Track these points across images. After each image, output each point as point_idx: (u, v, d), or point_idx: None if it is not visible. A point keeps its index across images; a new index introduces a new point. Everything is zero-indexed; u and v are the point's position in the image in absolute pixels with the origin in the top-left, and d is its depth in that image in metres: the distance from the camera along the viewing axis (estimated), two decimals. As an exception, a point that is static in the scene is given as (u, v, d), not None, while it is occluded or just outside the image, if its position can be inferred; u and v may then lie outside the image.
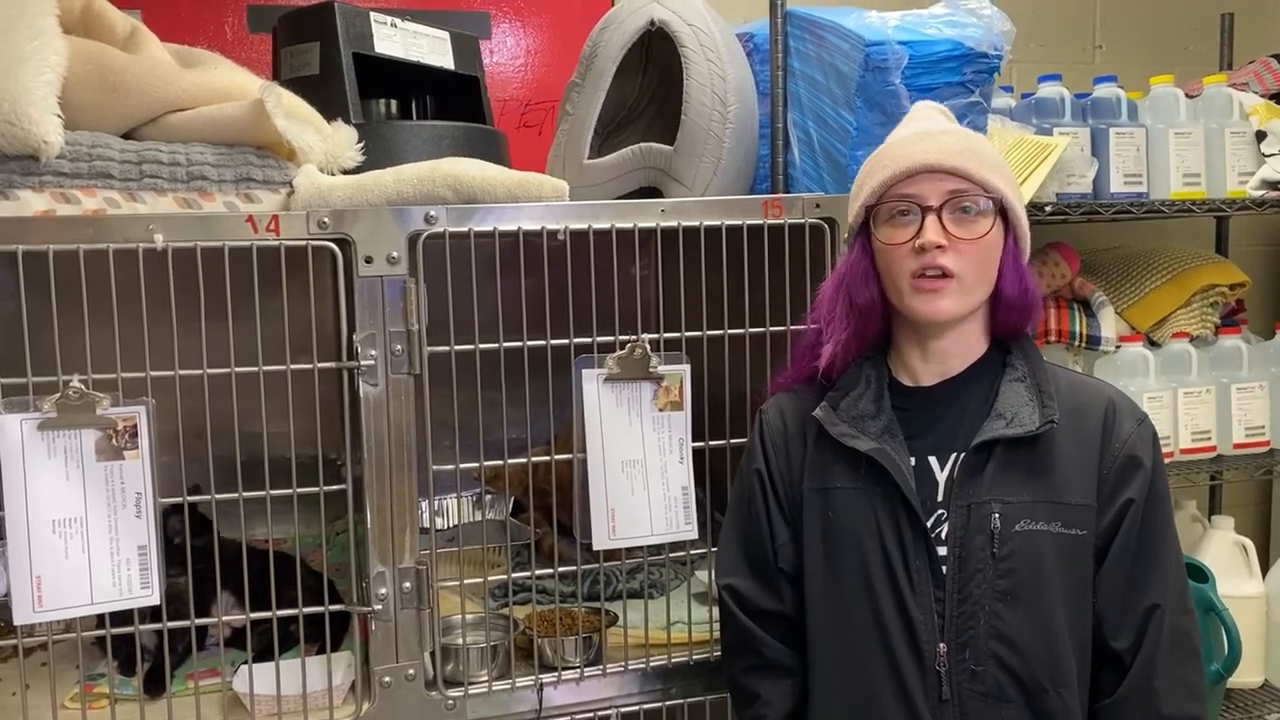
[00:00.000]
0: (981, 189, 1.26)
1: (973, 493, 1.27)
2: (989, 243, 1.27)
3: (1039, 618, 1.26)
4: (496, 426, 1.50)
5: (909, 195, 1.27)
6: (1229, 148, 2.13)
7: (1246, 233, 2.80)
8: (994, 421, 1.28)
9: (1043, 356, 1.35)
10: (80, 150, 1.39)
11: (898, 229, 1.28)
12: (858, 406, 1.32)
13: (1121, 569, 1.28)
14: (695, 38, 1.67)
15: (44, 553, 1.31)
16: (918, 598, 1.27)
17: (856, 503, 1.31)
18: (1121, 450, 1.29)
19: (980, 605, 1.26)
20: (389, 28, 1.77)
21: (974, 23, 1.70)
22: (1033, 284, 1.32)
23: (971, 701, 1.26)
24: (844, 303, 1.33)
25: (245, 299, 1.37)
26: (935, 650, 1.26)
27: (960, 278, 1.26)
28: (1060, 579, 1.26)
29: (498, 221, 1.48)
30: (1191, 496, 2.38)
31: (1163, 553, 1.29)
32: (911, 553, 1.27)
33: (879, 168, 1.30)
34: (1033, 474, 1.27)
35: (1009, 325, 1.33)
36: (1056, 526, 1.26)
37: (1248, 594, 2.11)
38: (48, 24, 1.40)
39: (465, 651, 1.54)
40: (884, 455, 1.28)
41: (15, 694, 1.46)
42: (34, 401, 1.30)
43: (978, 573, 1.26)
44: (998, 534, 1.26)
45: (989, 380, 1.33)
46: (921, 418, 1.33)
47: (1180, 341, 2.18)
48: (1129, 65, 2.57)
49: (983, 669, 1.25)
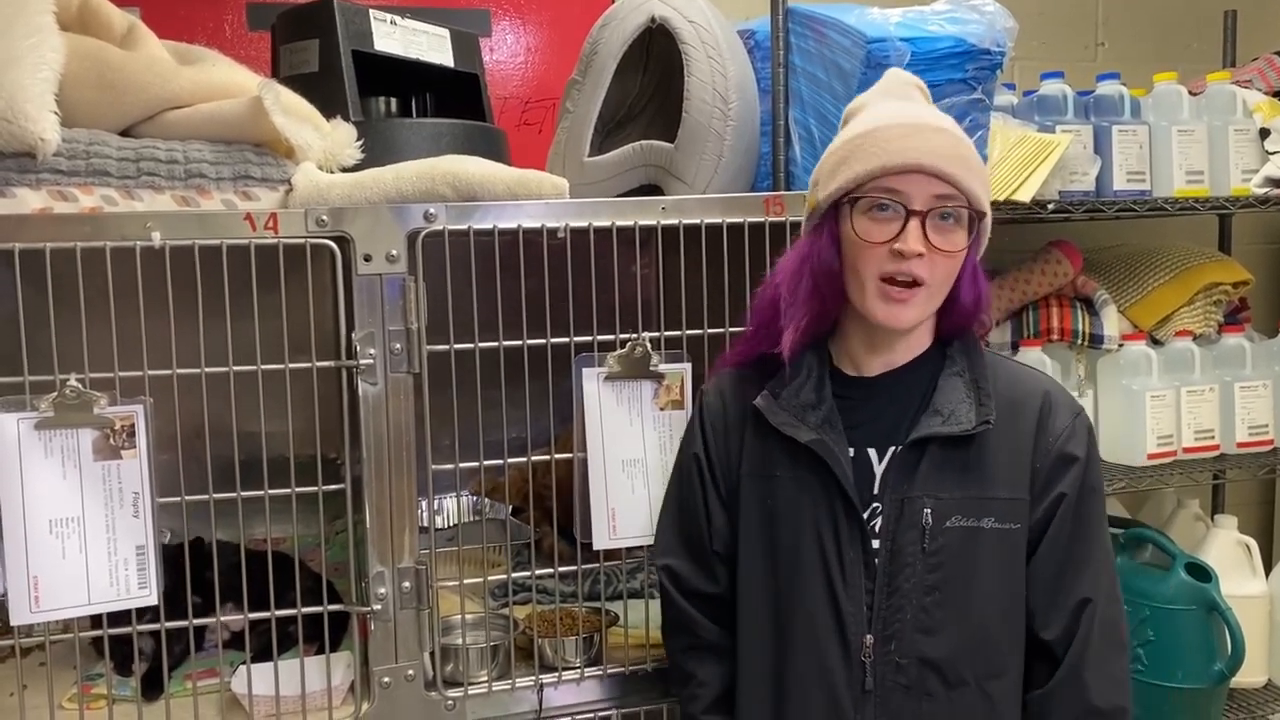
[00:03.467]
0: (966, 200, 1.24)
1: (906, 488, 1.28)
2: (961, 255, 1.27)
3: (966, 612, 1.27)
4: (496, 426, 1.49)
5: (894, 192, 1.23)
6: (1232, 145, 2.12)
7: (1250, 231, 2.79)
8: (930, 418, 1.28)
9: (982, 349, 1.35)
10: (77, 148, 1.38)
11: (876, 224, 1.24)
12: (799, 396, 1.32)
13: (1052, 562, 1.29)
14: (696, 34, 1.66)
15: (41, 553, 1.30)
16: (848, 589, 1.28)
17: (794, 492, 1.32)
18: (1055, 444, 1.29)
19: (908, 599, 1.27)
20: (388, 25, 1.76)
21: (976, 19, 1.69)
22: (986, 294, 1.32)
23: (894, 694, 1.27)
24: (807, 287, 1.30)
25: (243, 297, 1.37)
26: (862, 641, 1.28)
27: (929, 287, 1.25)
28: (992, 574, 1.28)
29: (497, 219, 1.48)
30: (1194, 496, 2.37)
31: (1093, 546, 1.30)
32: (846, 544, 1.29)
33: (863, 154, 1.24)
34: (967, 470, 1.28)
35: (955, 325, 1.33)
36: (990, 522, 1.27)
37: (1251, 594, 2.10)
38: (45, 21, 1.39)
39: (465, 652, 1.54)
40: (823, 447, 1.29)
41: (13, 694, 1.45)
42: (31, 401, 1.30)
43: (907, 566, 1.27)
44: (929, 530, 1.27)
45: (929, 373, 1.33)
46: (862, 408, 1.33)
47: (1183, 340, 2.17)
48: (1132, 63, 2.56)
49: (906, 661, 1.27)
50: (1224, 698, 2.04)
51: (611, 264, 1.49)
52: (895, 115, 1.27)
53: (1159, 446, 2.09)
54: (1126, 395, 2.10)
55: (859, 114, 1.32)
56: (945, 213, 1.23)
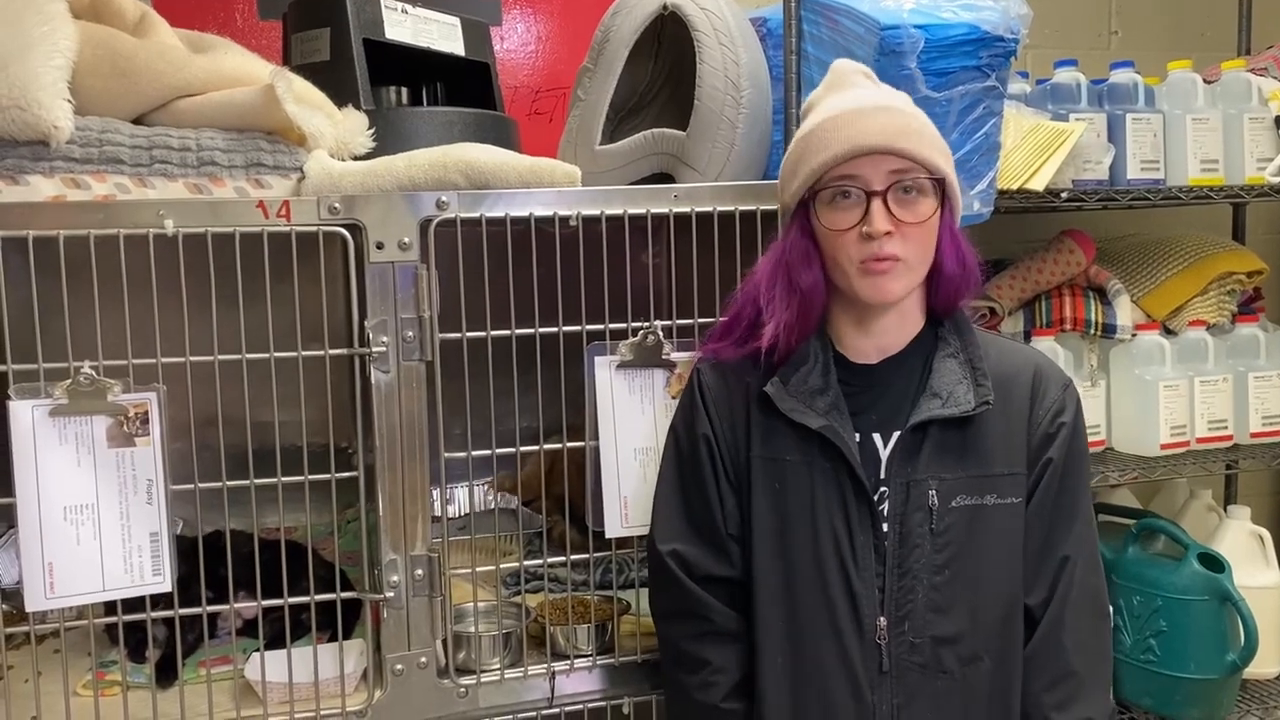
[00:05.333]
0: (924, 168, 1.26)
1: (910, 471, 1.31)
2: (932, 223, 1.29)
3: (974, 589, 1.30)
4: (509, 414, 1.49)
5: (851, 177, 1.26)
6: (1247, 133, 2.10)
7: (1264, 220, 2.77)
8: (930, 400, 1.31)
9: (973, 327, 1.37)
10: (90, 136, 1.38)
11: (841, 212, 1.28)
12: (807, 382, 1.33)
13: (1039, 525, 1.33)
14: (708, 21, 1.66)
15: (56, 540, 1.31)
16: (860, 572, 1.30)
17: (804, 477, 1.33)
18: (1047, 417, 1.34)
19: (919, 579, 1.29)
20: (399, 14, 1.76)
21: (990, 6, 1.68)
22: (970, 256, 1.34)
23: (910, 673, 1.29)
24: (784, 284, 1.33)
25: (256, 285, 1.37)
26: (876, 624, 1.29)
27: (906, 260, 1.27)
28: (998, 549, 1.31)
29: (509, 207, 1.48)
30: (1208, 486, 2.35)
31: (1076, 510, 1.35)
32: (856, 529, 1.30)
33: (815, 149, 1.28)
34: (967, 450, 1.31)
35: (948, 298, 1.35)
36: (992, 499, 1.31)
37: (1264, 584, 2.08)
38: (57, 9, 1.40)
39: (477, 639, 1.54)
40: (833, 433, 1.30)
41: (28, 681, 1.46)
42: (45, 388, 1.30)
43: (916, 548, 1.30)
44: (935, 510, 1.29)
45: (923, 356, 1.35)
46: (865, 394, 1.35)
47: (1197, 330, 2.16)
48: (1145, 51, 2.54)
49: (920, 641, 1.29)
50: (1236, 688, 2.03)
51: (624, 252, 1.49)
52: (840, 105, 1.30)
53: (1172, 437, 2.09)
54: (1140, 385, 2.09)
55: (809, 113, 1.36)
56: (905, 186, 1.26)
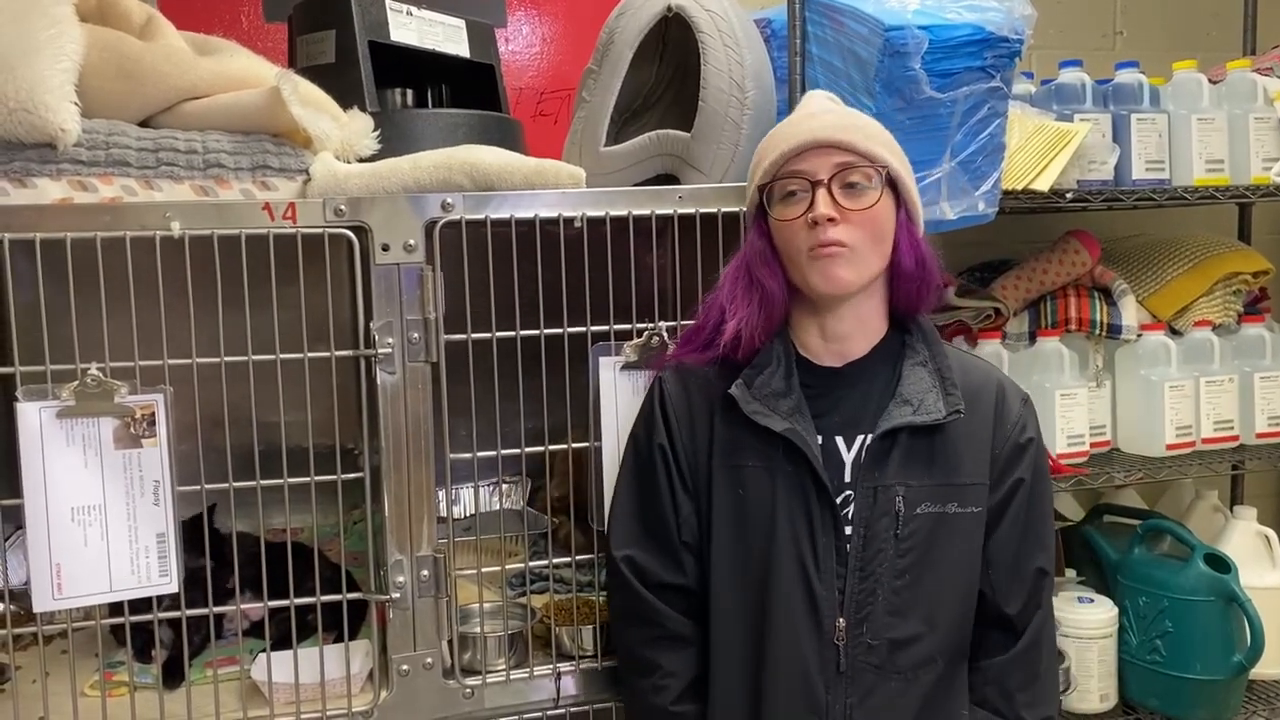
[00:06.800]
0: (867, 160, 1.30)
1: (879, 476, 1.33)
2: (879, 214, 1.31)
3: (933, 594, 1.33)
4: (514, 415, 1.49)
5: (799, 171, 1.31)
6: (1253, 134, 2.10)
7: (1270, 220, 2.77)
8: (900, 407, 1.33)
9: (939, 337, 1.41)
10: (97, 138, 1.39)
11: (790, 205, 1.33)
12: (770, 384, 1.35)
13: (1013, 541, 1.38)
14: (712, 23, 1.66)
15: (63, 540, 1.31)
16: (821, 575, 1.32)
17: (767, 480, 1.34)
18: (1012, 432, 1.38)
19: (880, 583, 1.32)
20: (404, 15, 1.76)
21: (995, 6, 1.68)
22: (930, 256, 1.36)
23: (865, 673, 1.31)
24: (745, 282, 1.37)
25: (262, 287, 1.37)
26: (835, 624, 1.31)
27: (854, 248, 1.30)
28: (956, 556, 1.34)
29: (514, 209, 1.48)
30: (1213, 486, 2.35)
31: (1045, 524, 1.41)
32: (819, 531, 1.32)
33: (769, 149, 1.35)
34: (934, 458, 1.34)
35: (908, 299, 1.37)
36: (954, 507, 1.34)
37: (1270, 585, 2.08)
38: (64, 12, 1.40)
39: (483, 640, 1.54)
40: (797, 436, 1.32)
41: (35, 681, 1.46)
42: (52, 389, 1.30)
43: (880, 552, 1.32)
44: (901, 516, 1.32)
45: (890, 363, 1.37)
46: (828, 397, 1.37)
47: (1202, 330, 2.16)
48: (1150, 51, 2.54)
49: (877, 643, 1.31)
50: (1243, 689, 2.03)
51: (628, 253, 1.49)
52: (796, 115, 1.40)
53: (1178, 437, 2.08)
54: (1145, 385, 2.09)
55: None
56: (850, 181, 1.30)
